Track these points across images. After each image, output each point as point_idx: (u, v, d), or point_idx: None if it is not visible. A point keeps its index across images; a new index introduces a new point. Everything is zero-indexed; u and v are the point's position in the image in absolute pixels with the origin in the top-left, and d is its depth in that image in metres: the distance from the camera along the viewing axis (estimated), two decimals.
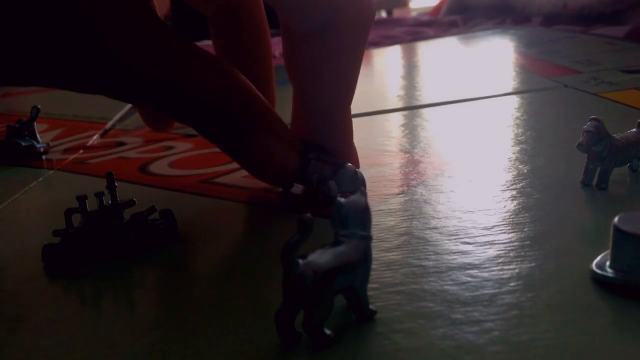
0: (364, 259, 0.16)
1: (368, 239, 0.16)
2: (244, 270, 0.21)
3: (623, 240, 0.17)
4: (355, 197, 0.16)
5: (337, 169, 0.25)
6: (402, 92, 0.50)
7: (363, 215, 0.16)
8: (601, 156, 0.24)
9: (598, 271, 0.17)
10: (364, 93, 0.50)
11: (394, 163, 0.30)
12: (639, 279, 0.16)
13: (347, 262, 0.16)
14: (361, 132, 0.38)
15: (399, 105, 0.43)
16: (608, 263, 0.17)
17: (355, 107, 0.26)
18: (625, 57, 0.51)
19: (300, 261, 0.15)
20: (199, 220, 0.26)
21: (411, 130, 0.37)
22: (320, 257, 0.15)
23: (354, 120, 0.26)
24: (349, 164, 0.25)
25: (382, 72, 0.60)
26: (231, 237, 0.25)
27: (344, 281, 0.16)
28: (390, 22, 1.07)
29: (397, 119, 0.40)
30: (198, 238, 0.24)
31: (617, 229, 0.17)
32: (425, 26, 0.92)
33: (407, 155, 0.31)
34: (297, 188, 0.27)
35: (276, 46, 0.86)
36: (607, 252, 0.18)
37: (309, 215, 0.15)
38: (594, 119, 0.24)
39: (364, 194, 0.16)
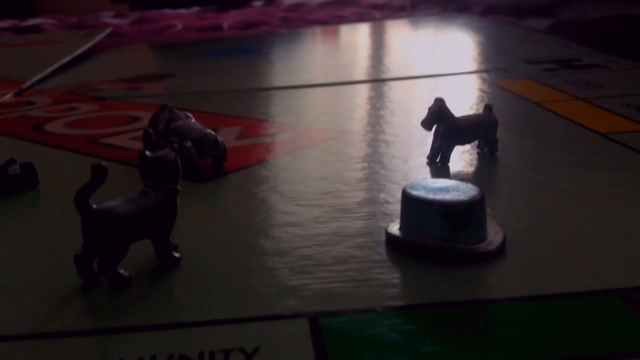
0: (169, 209, 0.18)
1: (175, 191, 0.18)
2: (68, 219, 0.20)
3: (409, 204, 0.18)
4: (164, 152, 0.18)
5: (202, 135, 0.26)
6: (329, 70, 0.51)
7: (171, 168, 0.18)
8: (443, 135, 0.26)
9: (391, 232, 0.19)
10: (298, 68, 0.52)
11: (279, 134, 0.32)
12: (423, 239, 0.18)
13: (147, 210, 0.17)
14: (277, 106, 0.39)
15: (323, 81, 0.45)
16: (398, 226, 0.19)
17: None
18: (537, 49, 0.53)
19: (94, 206, 0.16)
20: (64, 175, 0.27)
21: (324, 105, 0.39)
22: (119, 204, 0.17)
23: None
24: (211, 132, 0.26)
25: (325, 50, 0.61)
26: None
27: (144, 228, 0.17)
28: (345, 2, 1.08)
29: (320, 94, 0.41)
30: (53, 191, 0.25)
31: (404, 194, 0.19)
32: (376, 9, 0.93)
33: (293, 127, 0.33)
34: None
35: (224, 19, 0.86)
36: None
37: (102, 162, 0.16)
38: (437, 99, 0.25)
39: (175, 150, 0.18)
